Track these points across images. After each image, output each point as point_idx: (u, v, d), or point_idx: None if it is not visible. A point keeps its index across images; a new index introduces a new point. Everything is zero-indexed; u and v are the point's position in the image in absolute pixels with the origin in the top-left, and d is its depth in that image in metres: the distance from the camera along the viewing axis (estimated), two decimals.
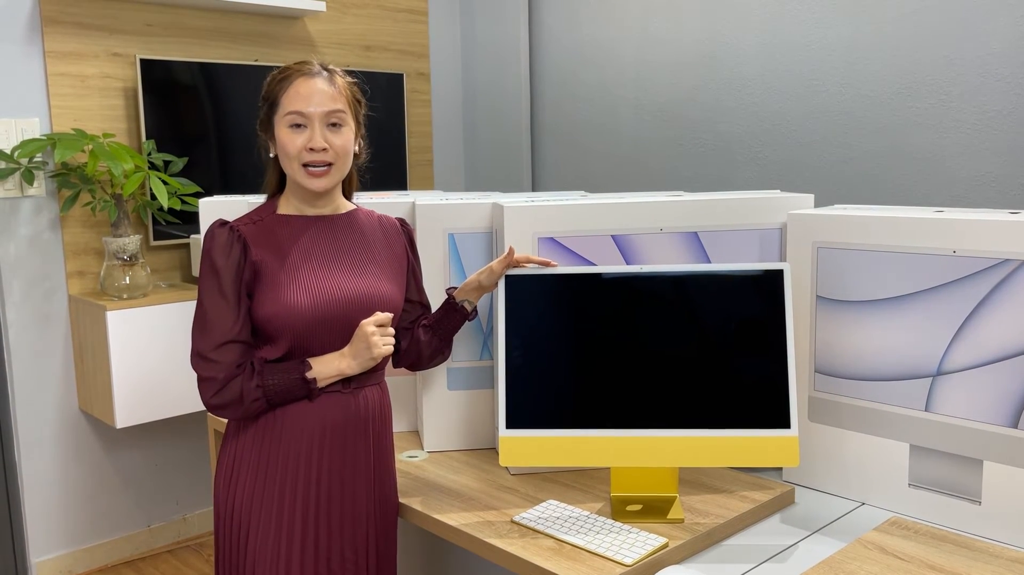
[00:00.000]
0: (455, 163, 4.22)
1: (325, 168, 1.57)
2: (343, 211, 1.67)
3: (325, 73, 1.59)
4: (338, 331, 1.58)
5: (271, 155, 1.63)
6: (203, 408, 3.06)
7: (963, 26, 2.59)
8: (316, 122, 1.55)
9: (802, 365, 1.72)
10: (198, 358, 1.55)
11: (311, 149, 1.55)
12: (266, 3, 3.30)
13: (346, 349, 1.57)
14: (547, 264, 1.68)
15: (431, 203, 1.90)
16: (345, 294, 1.58)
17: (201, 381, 1.55)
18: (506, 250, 1.68)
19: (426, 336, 1.76)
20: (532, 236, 1.77)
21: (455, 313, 1.76)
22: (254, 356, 1.56)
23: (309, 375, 1.55)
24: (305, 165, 1.56)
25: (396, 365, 1.79)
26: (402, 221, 1.76)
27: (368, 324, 1.55)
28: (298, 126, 1.55)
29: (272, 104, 1.58)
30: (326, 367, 1.56)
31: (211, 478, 2.32)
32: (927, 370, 1.55)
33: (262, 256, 1.56)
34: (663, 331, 1.61)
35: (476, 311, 1.80)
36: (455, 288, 1.78)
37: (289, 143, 1.55)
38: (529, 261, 1.68)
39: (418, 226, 1.89)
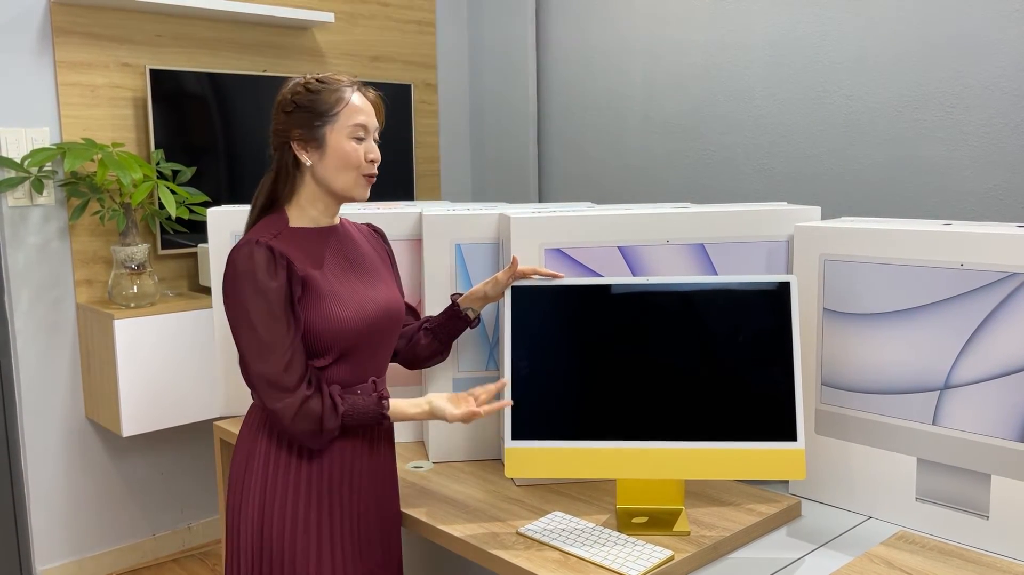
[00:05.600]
0: (462, 174, 4.23)
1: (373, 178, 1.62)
2: (338, 222, 1.69)
3: (370, 89, 1.63)
4: (377, 340, 1.62)
5: (307, 163, 1.58)
6: (210, 417, 3.07)
7: (971, 39, 2.59)
8: (371, 135, 1.60)
9: (809, 378, 1.72)
10: (266, 386, 1.51)
11: (371, 160, 1.59)
12: (275, 14, 3.32)
13: (430, 407, 1.60)
14: (554, 276, 1.68)
15: (438, 214, 1.90)
16: (378, 304, 1.61)
17: (275, 412, 1.51)
18: (511, 261, 1.69)
19: (426, 339, 1.78)
20: (539, 247, 1.77)
21: (458, 320, 1.78)
22: (322, 379, 1.56)
23: (386, 417, 1.59)
24: (364, 174, 1.59)
25: (392, 360, 1.80)
26: (374, 226, 1.79)
27: (480, 412, 1.59)
28: (360, 139, 1.58)
29: (324, 114, 1.55)
30: (400, 413, 1.60)
31: (217, 487, 2.32)
32: (934, 383, 1.55)
33: (307, 271, 1.54)
34: (669, 343, 1.61)
35: (479, 318, 1.80)
36: (460, 294, 1.79)
37: (354, 153, 1.57)
38: (536, 273, 1.69)
39: (425, 236, 1.90)
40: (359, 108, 1.57)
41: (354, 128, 1.57)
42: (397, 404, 1.60)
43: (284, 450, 1.57)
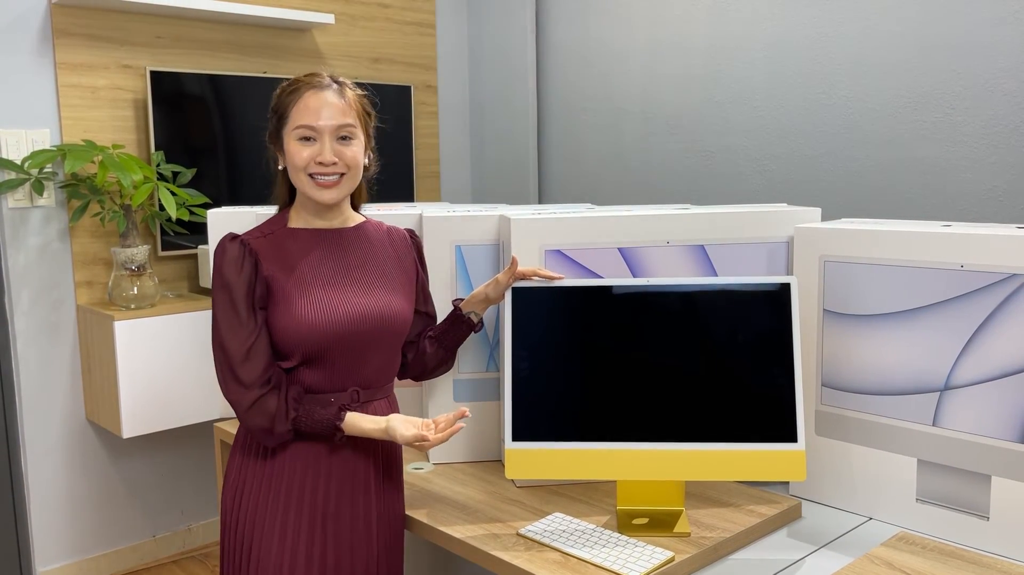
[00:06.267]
0: (462, 175, 4.23)
1: (335, 179, 1.57)
2: (352, 224, 1.67)
3: (335, 86, 1.58)
4: (350, 346, 1.58)
5: (280, 167, 1.63)
6: (210, 418, 3.07)
7: (970, 41, 2.59)
8: (326, 136, 1.55)
9: (809, 379, 1.72)
10: (225, 377, 1.54)
11: (320, 163, 1.55)
12: (275, 15, 3.32)
13: (386, 425, 1.53)
14: (554, 278, 1.68)
15: (438, 215, 1.90)
16: (357, 310, 1.58)
17: (231, 404, 1.54)
18: (510, 262, 1.69)
19: (431, 347, 1.76)
20: (539, 248, 1.77)
21: (461, 325, 1.76)
22: (284, 380, 1.56)
23: (340, 430, 1.55)
24: (312, 176, 1.56)
25: (401, 376, 1.79)
26: (411, 232, 1.76)
27: (429, 437, 1.51)
28: (307, 139, 1.55)
29: (281, 117, 1.58)
30: (355, 427, 1.55)
31: (217, 488, 2.32)
32: (934, 384, 1.55)
33: (273, 271, 1.56)
34: (670, 344, 1.61)
35: (483, 323, 1.80)
36: (461, 300, 1.78)
37: (297, 155, 1.55)
38: (536, 274, 1.68)
39: (425, 238, 1.90)
40: (307, 108, 1.54)
41: (300, 129, 1.55)
42: (354, 418, 1.55)
43: (253, 445, 1.60)
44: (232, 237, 1.57)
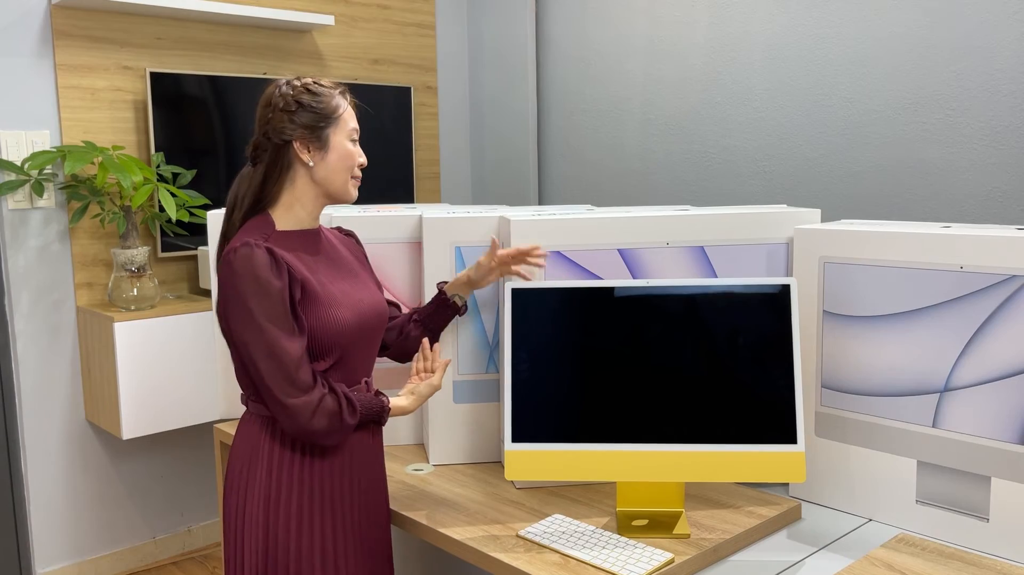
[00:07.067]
0: (462, 176, 4.23)
1: None
2: (316, 226, 1.69)
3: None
4: (368, 341, 1.65)
5: (310, 165, 1.59)
6: (210, 419, 3.07)
7: (970, 42, 2.60)
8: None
9: (809, 380, 1.72)
10: (282, 385, 1.50)
11: (361, 164, 1.66)
12: (275, 17, 3.33)
13: (415, 395, 1.69)
14: (539, 264, 1.73)
15: (438, 216, 1.90)
16: (367, 305, 1.64)
17: (291, 409, 1.50)
18: (491, 244, 1.74)
19: (417, 331, 1.81)
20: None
21: (446, 308, 1.81)
22: (331, 381, 1.57)
23: (388, 410, 1.65)
24: (353, 176, 1.65)
25: (381, 355, 1.82)
26: (346, 230, 1.82)
27: (438, 385, 1.71)
28: (354, 141, 1.65)
29: (329, 117, 1.59)
30: (396, 407, 1.67)
31: (216, 490, 2.31)
32: (934, 386, 1.55)
33: (303, 274, 1.55)
34: (669, 345, 1.61)
35: (467, 306, 1.84)
36: (446, 283, 1.81)
37: (356, 155, 1.64)
38: (519, 253, 1.73)
39: (425, 239, 1.90)
40: (352, 113, 1.66)
41: (351, 131, 1.64)
42: (392, 399, 1.67)
43: (288, 450, 1.58)
44: (255, 243, 1.51)
